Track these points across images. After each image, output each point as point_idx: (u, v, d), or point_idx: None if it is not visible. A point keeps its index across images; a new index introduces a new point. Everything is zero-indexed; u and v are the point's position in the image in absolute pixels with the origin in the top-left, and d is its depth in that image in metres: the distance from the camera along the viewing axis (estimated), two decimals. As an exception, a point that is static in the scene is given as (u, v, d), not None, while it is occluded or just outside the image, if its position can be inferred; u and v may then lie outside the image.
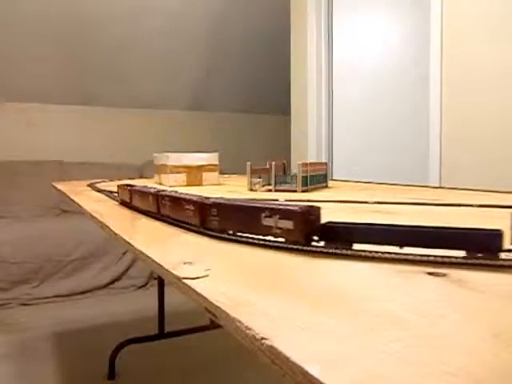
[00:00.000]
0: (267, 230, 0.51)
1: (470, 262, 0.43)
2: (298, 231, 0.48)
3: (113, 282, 2.86)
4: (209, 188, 1.43)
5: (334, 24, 2.90)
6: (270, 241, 0.53)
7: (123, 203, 0.98)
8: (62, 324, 2.35)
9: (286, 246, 0.51)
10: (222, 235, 0.58)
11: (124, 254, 2.90)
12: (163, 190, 0.76)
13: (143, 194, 0.82)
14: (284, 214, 0.49)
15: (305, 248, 0.50)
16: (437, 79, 2.12)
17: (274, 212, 0.50)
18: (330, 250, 0.48)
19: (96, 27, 3.33)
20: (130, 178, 2.10)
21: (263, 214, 0.51)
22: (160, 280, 2.04)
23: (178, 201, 0.68)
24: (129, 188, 0.92)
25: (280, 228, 0.50)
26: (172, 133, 4.05)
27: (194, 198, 0.63)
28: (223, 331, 0.36)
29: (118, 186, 1.01)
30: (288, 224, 0.49)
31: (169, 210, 0.71)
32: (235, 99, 4.20)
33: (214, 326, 1.92)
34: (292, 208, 0.49)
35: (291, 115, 3.16)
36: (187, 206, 0.64)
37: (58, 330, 2.28)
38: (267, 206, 0.51)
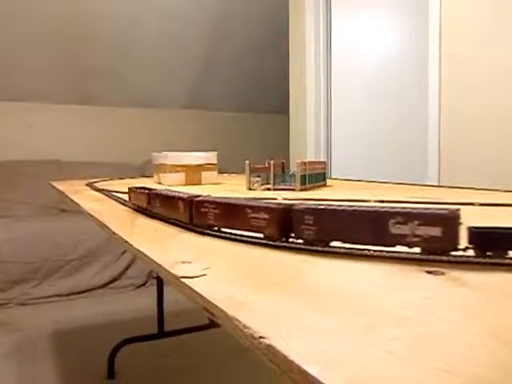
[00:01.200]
0: (397, 239, 0.44)
1: (467, 260, 0.43)
2: (447, 239, 0.42)
3: (112, 281, 2.86)
4: (208, 187, 1.43)
5: (332, 23, 2.90)
6: (400, 252, 0.45)
7: (138, 209, 0.85)
8: (61, 323, 2.35)
9: (423, 257, 0.44)
10: (322, 249, 0.49)
11: (123, 253, 2.90)
12: (198, 195, 0.65)
13: (170, 199, 0.69)
14: (428, 219, 0.42)
15: (458, 259, 0.43)
16: (435, 78, 2.12)
17: (411, 217, 0.43)
18: (490, 260, 0.42)
19: (95, 27, 3.33)
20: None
21: (393, 220, 0.44)
22: (159, 279, 2.03)
23: (237, 208, 0.56)
24: (148, 192, 0.78)
25: (419, 236, 0.43)
26: (171, 132, 4.05)
27: (271, 205, 0.52)
28: (222, 330, 0.36)
29: (130, 189, 0.88)
30: (433, 231, 0.42)
31: (216, 220, 0.59)
32: (234, 98, 4.20)
33: (213, 325, 1.92)
34: (440, 212, 0.42)
35: (290, 114, 3.16)
36: (255, 215, 0.53)
37: (57, 330, 2.28)
38: (399, 210, 0.44)
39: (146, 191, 0.79)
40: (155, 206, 0.75)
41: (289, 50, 3.13)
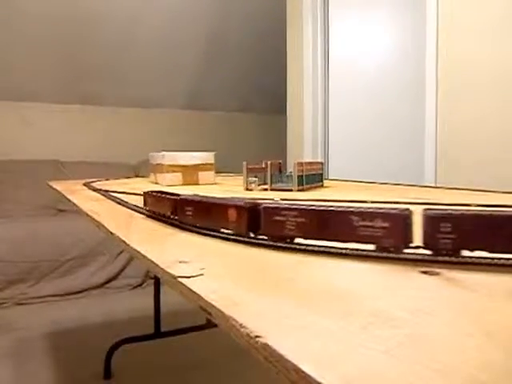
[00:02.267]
0: None
1: (462, 261, 0.43)
2: None
3: (109, 281, 2.86)
4: (205, 187, 1.43)
5: (330, 23, 2.90)
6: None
7: (157, 217, 0.76)
8: (57, 323, 2.35)
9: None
10: (458, 260, 0.44)
11: (120, 253, 2.89)
12: (263, 200, 0.55)
13: (212, 207, 0.60)
14: None
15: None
16: (432, 79, 2.13)
17: None
18: None
19: (94, 26, 3.32)
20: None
21: None
22: (156, 279, 2.03)
23: (335, 216, 0.48)
24: (176, 198, 0.67)
25: None
26: (168, 132, 4.05)
27: (388, 211, 0.45)
28: (220, 330, 0.36)
29: (146, 194, 0.79)
30: None
31: (299, 230, 0.50)
32: (231, 98, 4.20)
33: (210, 325, 1.92)
34: None
35: (287, 115, 3.16)
36: (366, 223, 0.46)
37: (53, 330, 2.27)
38: None
39: (174, 197, 0.68)
40: (185, 214, 0.65)
41: (286, 50, 3.13)
